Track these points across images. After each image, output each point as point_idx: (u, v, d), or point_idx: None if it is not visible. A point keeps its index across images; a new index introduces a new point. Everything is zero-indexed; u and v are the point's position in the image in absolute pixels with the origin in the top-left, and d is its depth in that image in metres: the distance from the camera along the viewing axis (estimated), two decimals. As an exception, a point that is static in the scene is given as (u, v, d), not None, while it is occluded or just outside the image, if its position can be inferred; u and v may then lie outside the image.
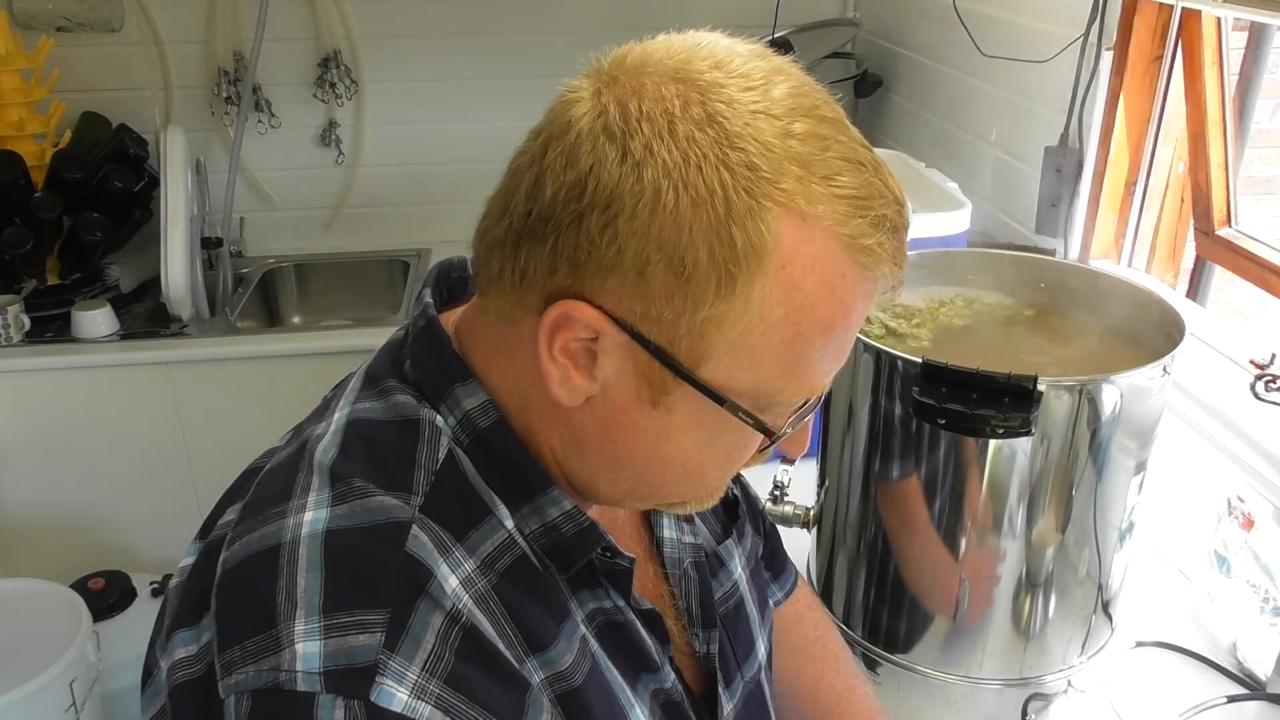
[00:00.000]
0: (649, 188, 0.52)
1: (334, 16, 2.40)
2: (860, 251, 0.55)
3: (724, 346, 0.56)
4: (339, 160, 2.53)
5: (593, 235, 0.53)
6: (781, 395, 0.58)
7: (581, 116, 0.55)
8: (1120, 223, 1.56)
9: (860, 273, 0.56)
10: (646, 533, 0.78)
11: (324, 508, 0.58)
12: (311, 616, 0.53)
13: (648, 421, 0.59)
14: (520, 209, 0.56)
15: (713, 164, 0.52)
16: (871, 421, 1.00)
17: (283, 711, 0.52)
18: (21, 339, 2.10)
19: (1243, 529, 1.13)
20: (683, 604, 0.76)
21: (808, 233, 0.53)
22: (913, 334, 1.09)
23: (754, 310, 0.54)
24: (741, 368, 0.57)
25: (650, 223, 0.53)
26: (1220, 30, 1.40)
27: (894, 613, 1.06)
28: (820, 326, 0.56)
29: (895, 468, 1.00)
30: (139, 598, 2.06)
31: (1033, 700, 1.04)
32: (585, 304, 0.55)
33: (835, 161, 0.54)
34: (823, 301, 0.55)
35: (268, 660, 0.53)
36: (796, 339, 0.56)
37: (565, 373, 0.58)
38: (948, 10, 1.81)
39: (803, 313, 0.55)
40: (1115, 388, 0.92)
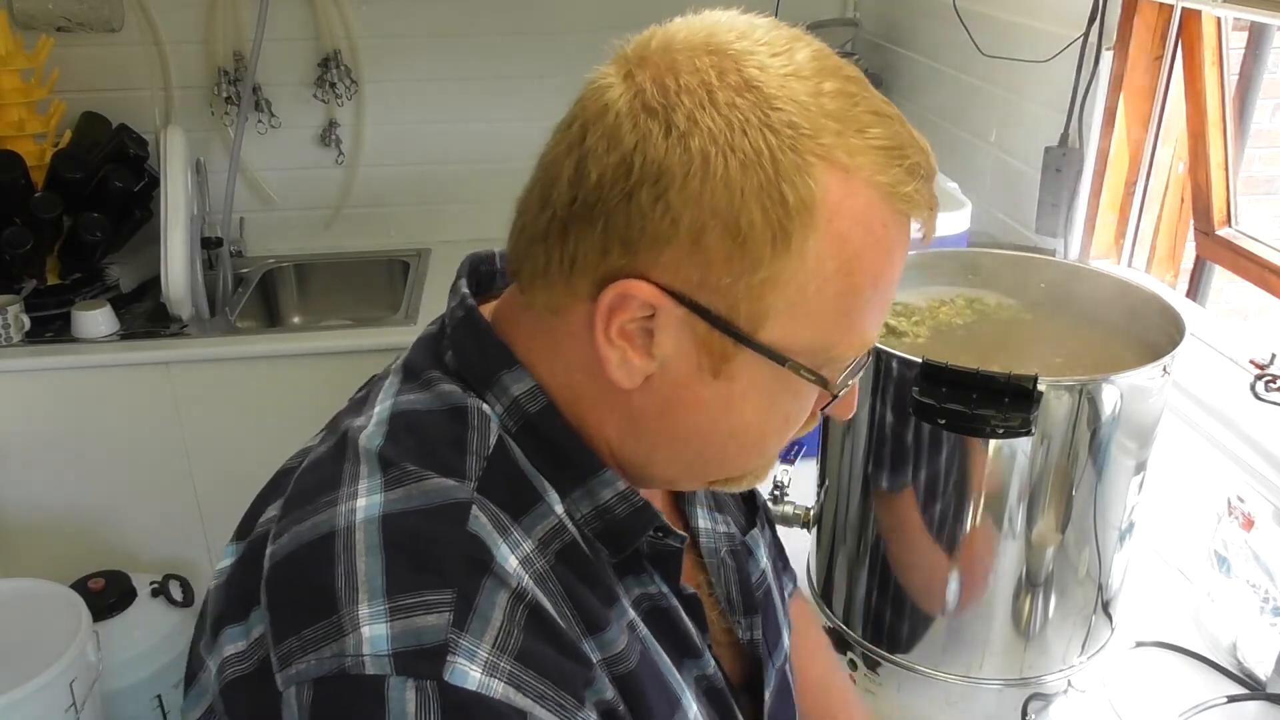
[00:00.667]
0: (697, 156, 0.53)
1: (334, 16, 2.40)
2: (899, 199, 0.57)
3: (782, 306, 0.56)
4: (339, 160, 2.53)
5: (644, 210, 0.54)
6: (837, 350, 0.59)
7: (618, 99, 0.56)
8: (1120, 223, 1.56)
9: (900, 220, 0.58)
10: (681, 523, 0.78)
11: (377, 493, 0.57)
12: (375, 600, 0.53)
13: (710, 393, 0.60)
14: (564, 198, 0.57)
15: (756, 126, 0.53)
16: (871, 421, 1.00)
17: (350, 698, 0.51)
18: (21, 339, 2.10)
19: (1243, 529, 1.13)
20: (721, 592, 0.77)
21: (851, 185, 0.55)
22: (913, 333, 1.09)
23: (809, 266, 0.55)
24: (799, 326, 0.57)
25: (702, 190, 0.53)
26: (1220, 30, 1.40)
27: (894, 613, 1.06)
28: (870, 277, 0.58)
29: (895, 468, 1.00)
30: (139, 598, 2.06)
31: (1033, 700, 1.04)
32: (641, 281, 0.56)
33: (865, 115, 0.56)
34: (870, 252, 0.57)
35: (329, 647, 0.52)
36: (849, 291, 0.57)
37: (623, 355, 0.58)
38: (948, 10, 1.81)
39: (854, 264, 0.56)
40: (1115, 388, 0.92)
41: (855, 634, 1.09)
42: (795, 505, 1.14)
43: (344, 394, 0.76)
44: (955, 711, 1.06)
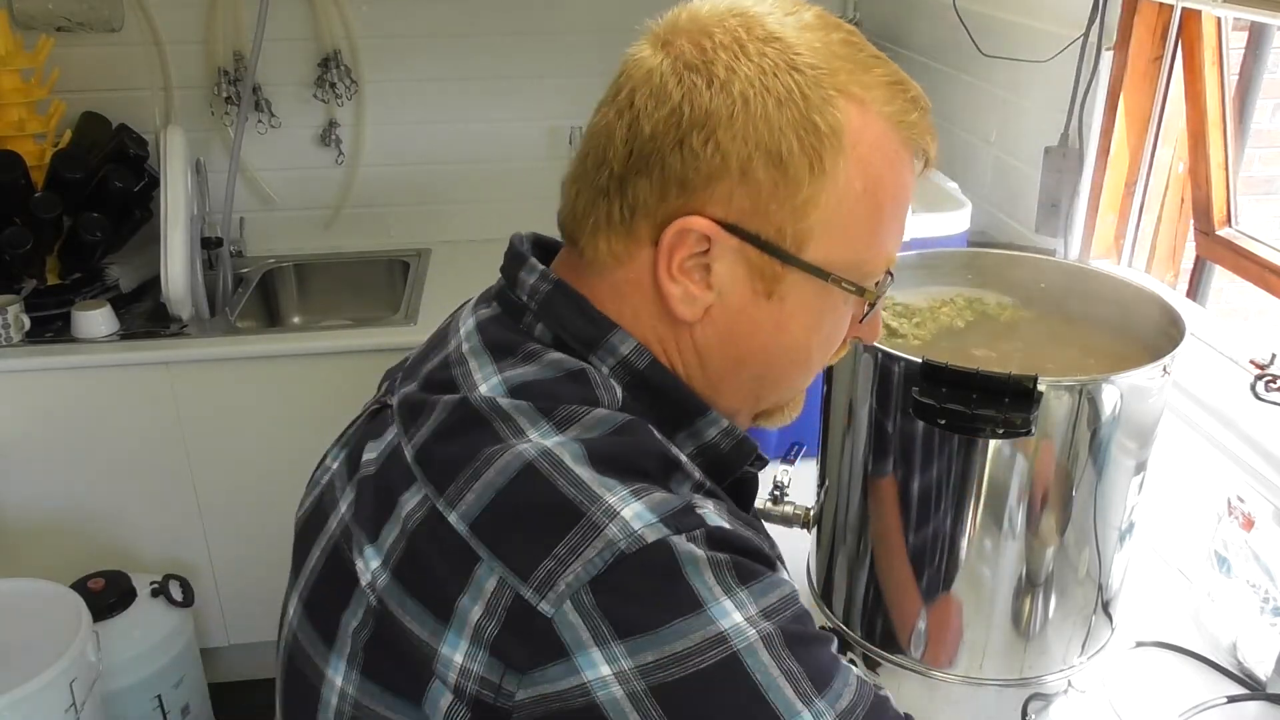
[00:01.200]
0: (738, 99, 0.61)
1: (334, 16, 2.40)
2: (906, 128, 0.66)
3: (821, 226, 0.64)
4: (339, 160, 2.53)
5: (696, 152, 0.62)
6: (868, 266, 0.68)
7: (660, 63, 0.64)
8: (1120, 223, 1.56)
9: (907, 148, 0.67)
10: None
11: (553, 433, 0.61)
12: (616, 490, 0.57)
13: (764, 315, 0.67)
14: (620, 154, 0.64)
15: (785, 69, 0.62)
16: (871, 421, 1.00)
17: (635, 575, 0.55)
18: (21, 339, 2.10)
19: (1243, 529, 1.13)
20: None
21: (866, 115, 0.64)
22: (914, 334, 1.09)
23: (840, 187, 0.64)
24: (836, 243, 0.65)
25: (746, 126, 0.62)
26: (1220, 30, 1.40)
27: (893, 613, 1.06)
28: (890, 197, 0.66)
29: (895, 468, 1.00)
30: (139, 598, 2.06)
31: (1033, 700, 1.04)
32: (697, 217, 0.63)
33: (868, 59, 0.66)
34: (888, 175, 0.66)
35: (592, 547, 0.55)
36: (874, 210, 0.66)
37: (685, 289, 0.65)
38: (948, 10, 1.81)
39: (876, 185, 0.65)
40: (1115, 388, 0.92)
41: (855, 634, 1.09)
42: (795, 505, 1.14)
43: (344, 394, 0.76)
44: (955, 711, 1.06)
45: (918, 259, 1.18)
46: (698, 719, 0.54)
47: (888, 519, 1.03)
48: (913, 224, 1.41)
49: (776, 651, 0.56)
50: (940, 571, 1.01)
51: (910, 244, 1.40)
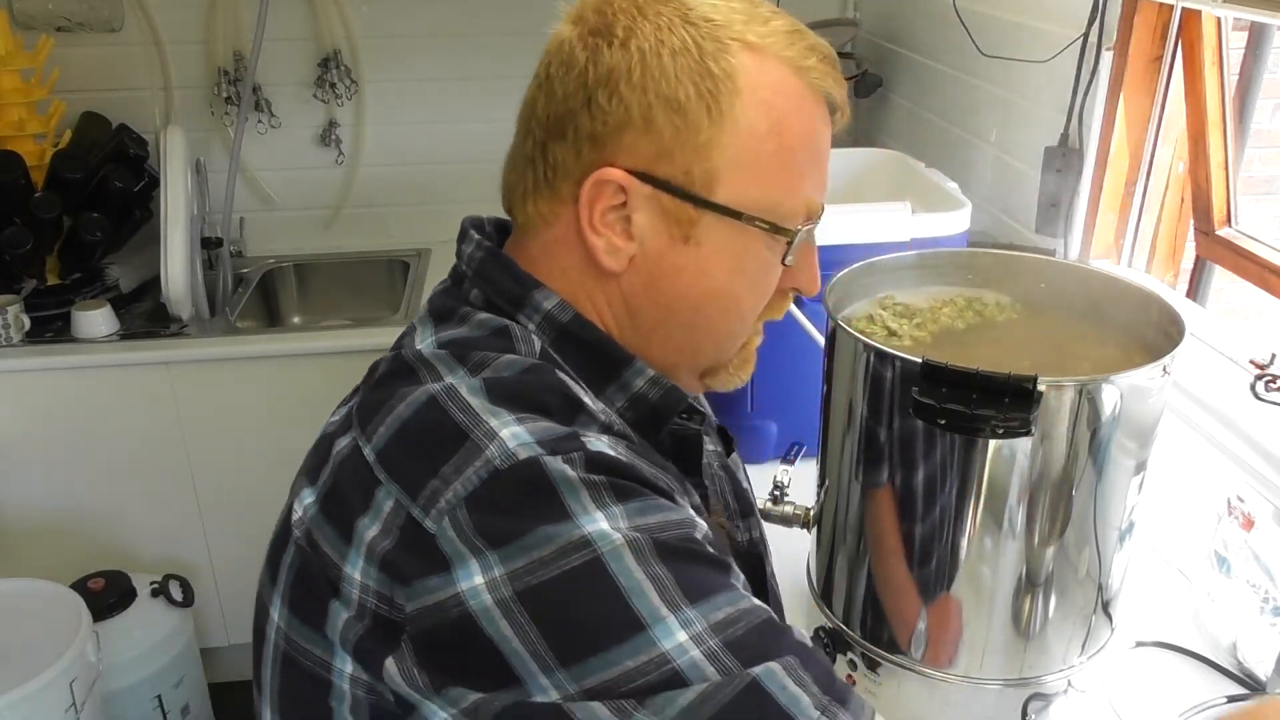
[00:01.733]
0: (635, 54, 0.66)
1: (334, 16, 2.40)
2: (805, 72, 0.69)
3: (727, 166, 0.67)
4: (339, 160, 2.53)
5: (602, 106, 0.66)
6: (785, 207, 0.70)
7: (569, 35, 0.69)
8: (1120, 223, 1.56)
9: (813, 93, 0.70)
10: None
11: (463, 376, 0.63)
12: (502, 415, 0.60)
13: (685, 260, 0.69)
14: (540, 121, 0.70)
15: (680, 24, 0.66)
16: (871, 421, 1.00)
17: (507, 489, 0.56)
18: (21, 339, 2.10)
19: (1243, 529, 1.13)
20: (718, 501, 0.85)
21: (763, 60, 0.67)
22: (914, 335, 1.09)
23: (742, 128, 0.67)
24: (746, 183, 0.68)
25: (645, 78, 0.66)
26: (1220, 30, 1.40)
27: (893, 613, 1.06)
28: (800, 139, 0.69)
29: (895, 468, 1.00)
30: (139, 598, 2.06)
31: (1033, 700, 1.04)
32: (610, 168, 0.67)
33: (766, 13, 0.69)
34: (794, 117, 0.69)
35: (471, 466, 0.57)
36: (784, 150, 0.68)
37: (608, 241, 0.69)
38: (948, 10, 1.81)
39: (782, 126, 0.68)
40: (1115, 388, 0.92)
41: (855, 634, 1.09)
42: (795, 505, 1.14)
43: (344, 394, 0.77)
44: (955, 711, 1.06)
45: (918, 259, 1.18)
46: (562, 622, 0.55)
47: (887, 519, 1.03)
48: (913, 224, 1.42)
49: (644, 557, 0.57)
50: (940, 571, 1.01)
51: (911, 244, 1.40)
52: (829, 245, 1.42)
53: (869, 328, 1.10)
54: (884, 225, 1.40)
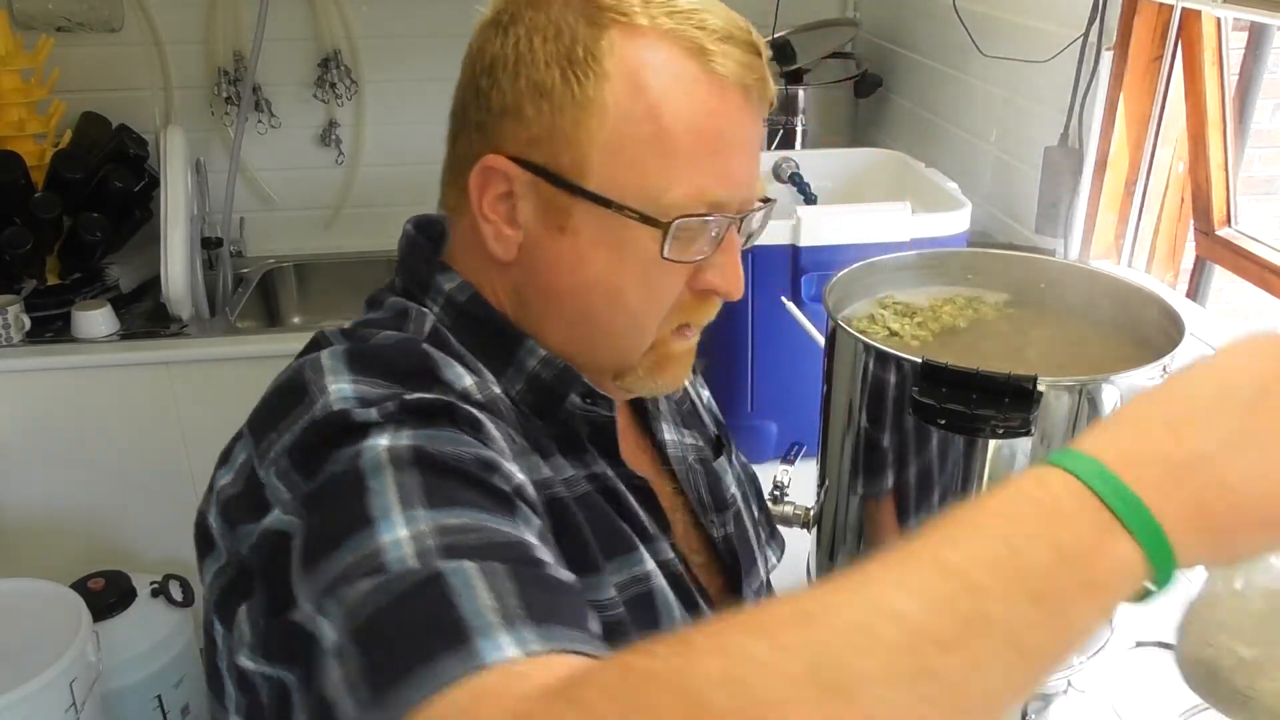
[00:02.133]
0: (512, 41, 0.66)
1: (334, 16, 2.40)
2: (703, 54, 0.65)
3: (597, 151, 0.65)
4: (339, 160, 2.53)
5: (485, 95, 0.67)
6: (667, 197, 0.65)
7: (477, 32, 0.70)
8: (1120, 223, 1.56)
9: (710, 77, 0.65)
10: (649, 442, 0.84)
11: (336, 348, 0.64)
12: (342, 376, 0.60)
13: (564, 249, 0.68)
14: (452, 113, 0.71)
15: (559, 6, 0.65)
16: (871, 421, 1.00)
17: (318, 434, 0.57)
18: (21, 339, 2.10)
19: (1243, 529, 1.12)
20: (692, 494, 0.83)
21: (643, 41, 0.64)
22: (915, 335, 1.09)
23: (611, 111, 0.64)
24: (619, 170, 0.65)
25: (518, 64, 0.65)
26: (1220, 30, 1.40)
27: (894, 613, 1.06)
28: (684, 125, 0.65)
29: (895, 468, 1.00)
30: (139, 598, 2.06)
31: (1033, 700, 1.04)
32: (492, 155, 0.67)
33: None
34: (680, 100, 0.65)
35: (300, 418, 0.58)
36: (661, 135, 0.65)
37: (496, 229, 0.69)
38: (948, 10, 1.81)
39: (660, 110, 0.64)
40: (1115, 388, 0.92)
41: (855, 634, 1.09)
42: (795, 505, 1.14)
43: (344, 394, 0.80)
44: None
45: (918, 259, 1.18)
46: (314, 529, 0.54)
47: (888, 519, 1.03)
48: (913, 224, 1.42)
49: (401, 464, 0.54)
50: (940, 571, 1.00)
51: (911, 244, 1.40)
52: (829, 245, 1.43)
53: (870, 327, 1.10)
54: (884, 225, 1.40)
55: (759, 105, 0.68)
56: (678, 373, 0.75)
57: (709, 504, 0.84)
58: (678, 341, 0.73)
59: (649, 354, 0.72)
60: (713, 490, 0.85)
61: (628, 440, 0.80)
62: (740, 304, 1.50)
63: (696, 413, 0.96)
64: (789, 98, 2.11)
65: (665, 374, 0.74)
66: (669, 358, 0.73)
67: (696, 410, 0.96)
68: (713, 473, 0.87)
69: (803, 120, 2.13)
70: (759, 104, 0.68)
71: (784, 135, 2.12)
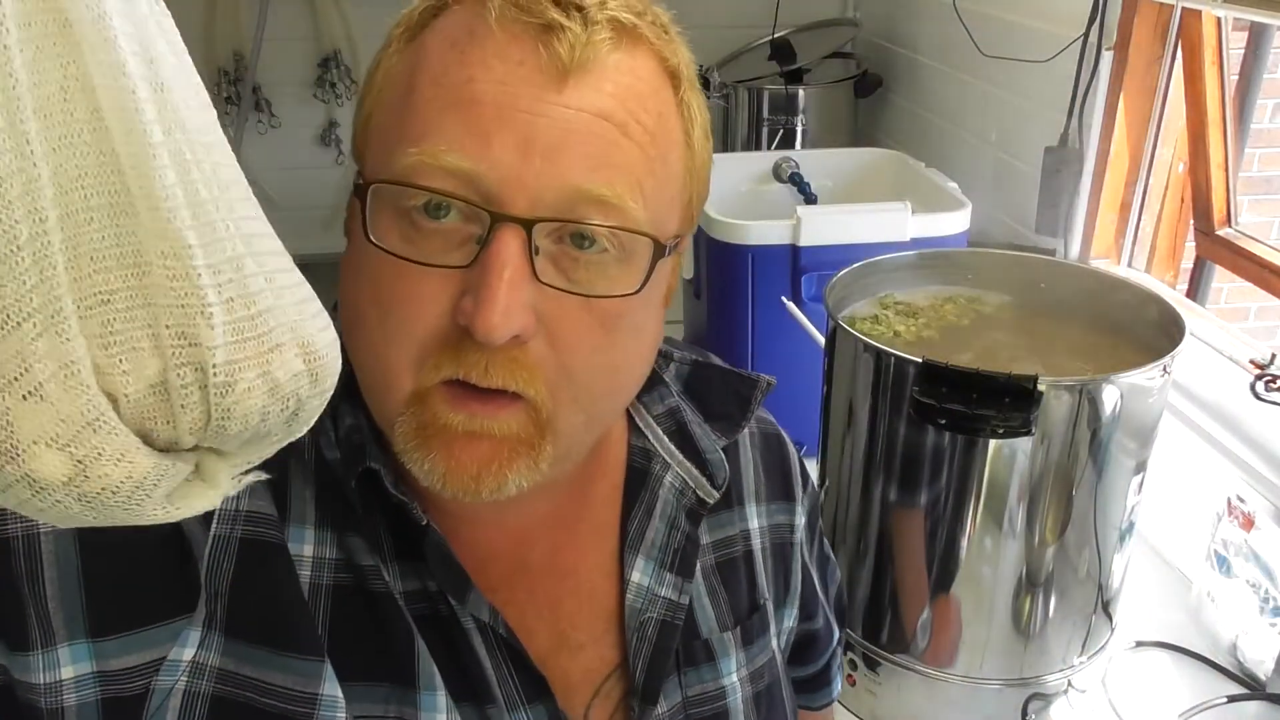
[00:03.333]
0: None
1: (334, 16, 2.40)
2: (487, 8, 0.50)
3: (373, 133, 0.54)
4: (339, 160, 2.53)
5: None
6: (394, 160, 0.50)
7: None
8: (1120, 223, 1.56)
9: (482, 22, 0.49)
10: (616, 573, 0.62)
11: None
12: None
13: (350, 257, 0.57)
14: None
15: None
16: (871, 421, 1.00)
17: None
18: (21, 339, 2.10)
19: (1243, 529, 1.13)
20: (632, 667, 0.59)
21: (449, 11, 0.52)
22: (918, 335, 1.09)
23: (379, 81, 0.53)
24: (370, 137, 0.54)
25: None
26: (1220, 30, 1.40)
27: (894, 613, 1.06)
28: (430, 76, 0.50)
29: (895, 467, 1.00)
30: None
31: (1033, 700, 1.04)
32: None
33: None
34: (433, 49, 0.51)
35: None
36: (407, 90, 0.51)
37: None
38: (948, 10, 1.81)
39: (417, 64, 0.51)
40: (1115, 388, 0.92)
41: (855, 634, 1.09)
42: (795, 505, 1.13)
43: (344, 394, 0.77)
44: (955, 711, 1.06)
45: (918, 259, 1.18)
46: None
47: (887, 519, 1.03)
48: (913, 224, 1.42)
49: None
50: (940, 571, 1.01)
51: (911, 244, 1.40)
52: (829, 245, 1.43)
53: (873, 328, 1.10)
54: (884, 225, 1.40)
55: (553, 65, 0.48)
56: (459, 458, 0.50)
57: (638, 687, 0.59)
58: (447, 408, 0.50)
59: (410, 411, 0.51)
60: (651, 669, 0.59)
61: (590, 565, 0.61)
62: (740, 304, 1.51)
63: (742, 570, 0.67)
64: (789, 98, 2.11)
65: (434, 450, 0.50)
66: (435, 426, 0.50)
67: (752, 567, 0.68)
68: (665, 648, 0.60)
69: (803, 120, 2.13)
70: (555, 65, 0.48)
71: (784, 135, 2.12)
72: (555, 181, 0.48)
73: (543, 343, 0.50)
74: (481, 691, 0.54)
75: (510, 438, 0.51)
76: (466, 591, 0.54)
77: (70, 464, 0.31)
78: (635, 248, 0.51)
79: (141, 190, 0.31)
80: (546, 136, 0.48)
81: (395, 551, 0.54)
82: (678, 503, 0.63)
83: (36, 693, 0.47)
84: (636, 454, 0.64)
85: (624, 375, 0.56)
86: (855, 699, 1.10)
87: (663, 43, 0.53)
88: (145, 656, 0.49)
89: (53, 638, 0.48)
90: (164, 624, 0.50)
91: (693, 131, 0.55)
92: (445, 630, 0.54)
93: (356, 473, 0.52)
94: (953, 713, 1.06)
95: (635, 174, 0.50)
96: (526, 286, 0.48)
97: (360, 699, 0.52)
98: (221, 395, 0.33)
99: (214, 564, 0.51)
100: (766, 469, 0.71)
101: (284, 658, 0.51)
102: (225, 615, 0.51)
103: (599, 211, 0.49)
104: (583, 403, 0.53)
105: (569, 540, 0.61)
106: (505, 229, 0.48)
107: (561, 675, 0.58)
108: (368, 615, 0.53)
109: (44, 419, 0.30)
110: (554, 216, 0.49)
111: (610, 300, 0.51)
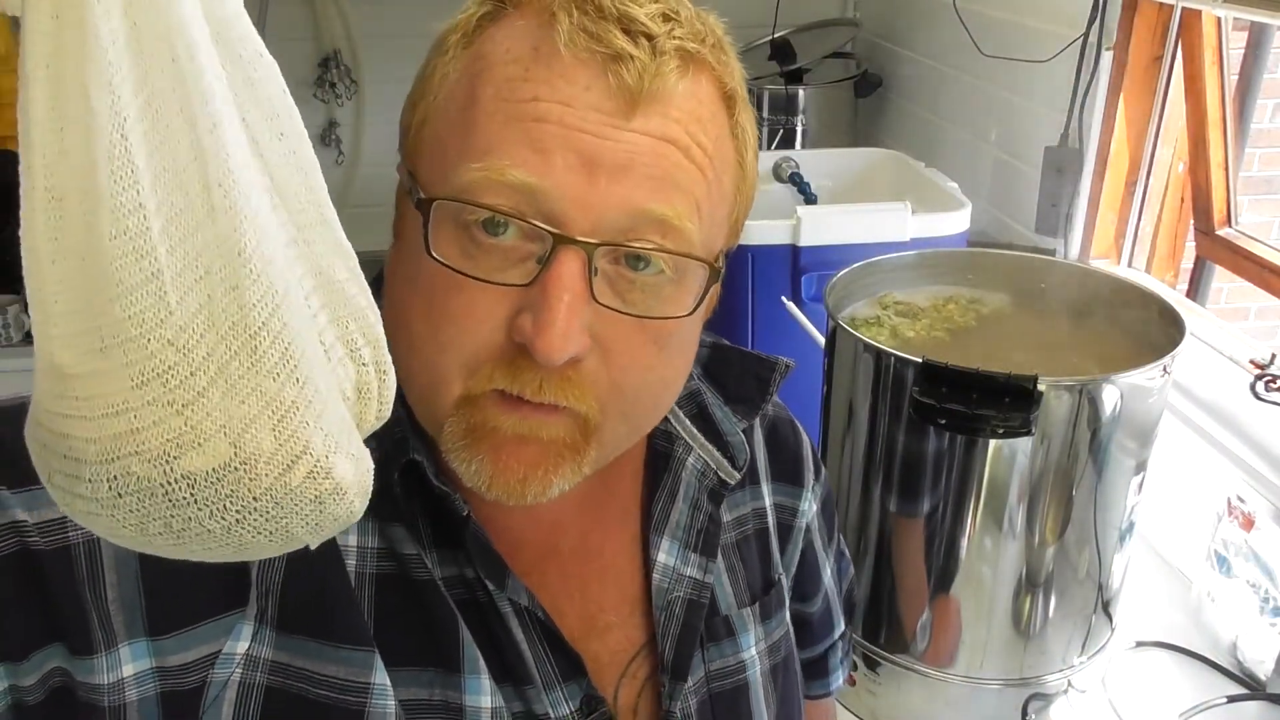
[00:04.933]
0: None
1: (334, 16, 2.40)
2: (552, 20, 0.49)
3: (414, 134, 0.56)
4: (339, 160, 2.53)
5: None
6: (456, 175, 0.50)
7: None
8: (1120, 223, 1.56)
9: (549, 43, 0.49)
10: (640, 555, 0.63)
11: None
12: None
13: (392, 256, 0.57)
14: None
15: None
16: (871, 421, 1.00)
17: None
18: (21, 339, 2.10)
19: (1243, 529, 1.13)
20: (660, 647, 0.61)
21: (511, 17, 0.52)
22: (919, 335, 1.09)
23: (435, 84, 0.54)
24: (422, 145, 0.55)
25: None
26: (1220, 30, 1.40)
27: (894, 613, 1.06)
28: (494, 92, 0.50)
29: (895, 468, 1.00)
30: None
31: (1033, 700, 1.04)
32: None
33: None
34: (498, 66, 0.50)
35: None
36: (468, 104, 0.51)
37: None
38: (948, 10, 1.81)
39: (477, 79, 0.51)
40: (1115, 388, 0.92)
41: (855, 634, 1.09)
42: (795, 505, 1.13)
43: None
44: (955, 711, 1.06)
45: (918, 259, 1.18)
46: None
47: (887, 519, 1.03)
48: (913, 224, 1.42)
49: None
50: (940, 571, 1.01)
51: (911, 244, 1.40)
52: (829, 245, 1.43)
53: (874, 329, 1.10)
54: (884, 225, 1.40)
55: (621, 94, 0.48)
56: (506, 462, 0.51)
57: (668, 665, 0.60)
58: (497, 410, 0.50)
59: (460, 413, 0.51)
60: (679, 648, 0.61)
61: (615, 548, 0.62)
62: (740, 304, 1.50)
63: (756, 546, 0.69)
64: (789, 98, 2.11)
65: (481, 453, 0.51)
66: (484, 429, 0.51)
67: (766, 543, 0.70)
68: (693, 626, 0.62)
69: (803, 120, 2.13)
70: (624, 94, 0.48)
71: (784, 135, 2.12)
72: (618, 202, 0.49)
73: (596, 360, 0.51)
74: (520, 673, 0.55)
75: (557, 442, 0.52)
76: (505, 577, 0.55)
77: (356, 467, 0.36)
78: (689, 269, 0.52)
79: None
80: (612, 159, 0.48)
81: (434, 540, 0.55)
82: (700, 484, 0.65)
83: (99, 692, 0.49)
84: (659, 437, 0.65)
85: (673, 388, 0.58)
86: (855, 699, 1.10)
87: (722, 67, 0.54)
88: (201, 651, 0.51)
89: (114, 639, 0.49)
90: (217, 619, 0.51)
91: (745, 154, 0.56)
92: (483, 615, 0.55)
93: (400, 464, 0.53)
94: (953, 713, 1.06)
95: (695, 196, 0.51)
96: (585, 309, 0.49)
97: (406, 684, 0.53)
98: (388, 390, 0.38)
99: (265, 559, 0.51)
100: (773, 450, 0.72)
101: (335, 649, 0.52)
102: (276, 609, 0.52)
103: (658, 231, 0.50)
104: (630, 415, 0.54)
105: (596, 524, 0.63)
106: (567, 251, 0.48)
107: (592, 656, 0.59)
108: (411, 603, 0.54)
109: (331, 427, 0.36)
110: (615, 240, 0.49)
111: (663, 320, 0.52)
